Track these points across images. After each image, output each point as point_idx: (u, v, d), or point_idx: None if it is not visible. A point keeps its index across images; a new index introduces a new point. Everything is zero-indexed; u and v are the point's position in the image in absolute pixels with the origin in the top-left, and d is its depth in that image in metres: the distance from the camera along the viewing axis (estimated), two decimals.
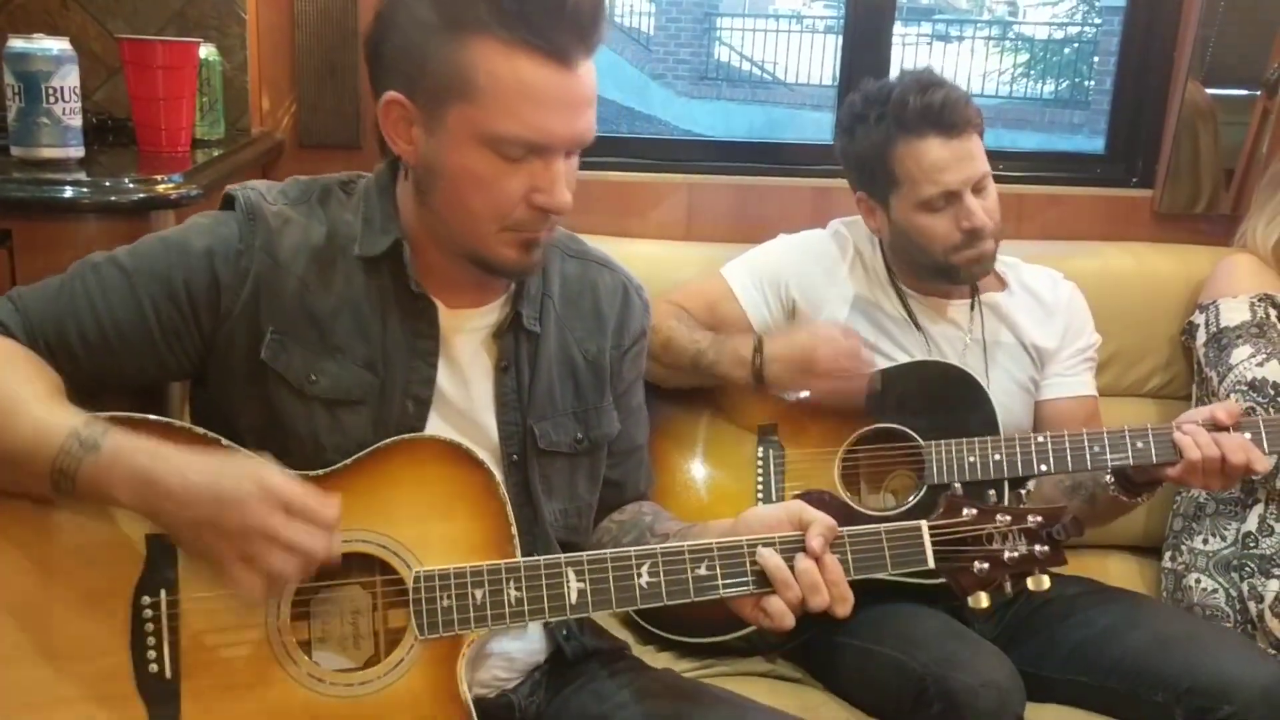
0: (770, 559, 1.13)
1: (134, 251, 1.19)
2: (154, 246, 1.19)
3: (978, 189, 1.68)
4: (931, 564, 1.18)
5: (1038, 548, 1.20)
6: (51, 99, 1.44)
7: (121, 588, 1.10)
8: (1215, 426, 1.55)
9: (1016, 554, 1.19)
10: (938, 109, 1.63)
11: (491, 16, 1.08)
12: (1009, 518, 1.20)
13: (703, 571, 1.14)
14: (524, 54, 1.08)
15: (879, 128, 1.68)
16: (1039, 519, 1.20)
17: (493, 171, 1.12)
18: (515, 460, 1.26)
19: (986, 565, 1.19)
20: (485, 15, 1.08)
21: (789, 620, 1.13)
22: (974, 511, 1.20)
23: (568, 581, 1.13)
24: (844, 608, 1.13)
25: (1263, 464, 1.54)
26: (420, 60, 1.11)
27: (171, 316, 1.16)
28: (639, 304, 1.38)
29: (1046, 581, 1.20)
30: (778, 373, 1.64)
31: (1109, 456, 1.59)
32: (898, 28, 2.29)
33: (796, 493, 1.68)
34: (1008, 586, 1.20)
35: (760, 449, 1.71)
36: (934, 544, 1.18)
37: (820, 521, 1.14)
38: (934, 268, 1.72)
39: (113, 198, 1.38)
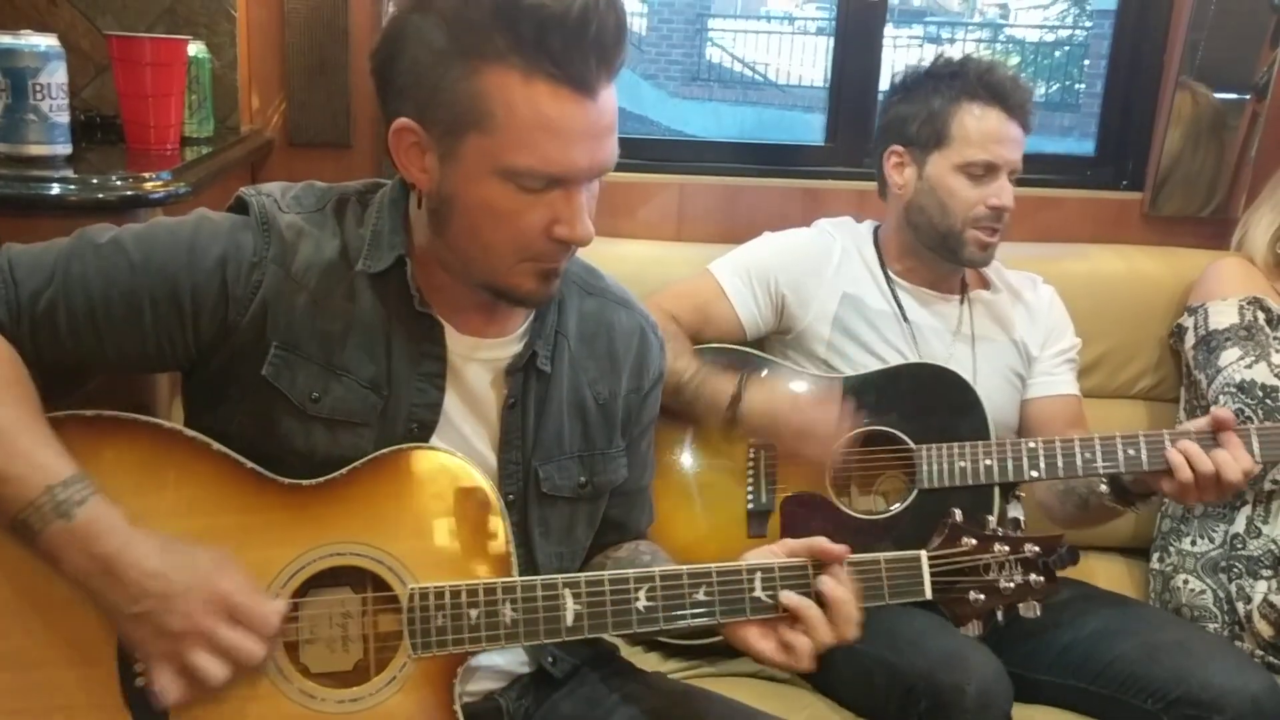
0: (794, 599, 1.11)
1: (140, 240, 1.13)
2: (163, 239, 1.13)
3: (1010, 178, 1.74)
4: (929, 595, 1.18)
5: (1033, 577, 1.20)
6: (39, 95, 1.43)
7: None
8: (1217, 430, 1.55)
9: (1012, 584, 1.20)
10: (1010, 87, 1.73)
11: (509, 46, 1.02)
12: (1007, 547, 1.20)
13: (701, 596, 1.13)
14: (544, 85, 1.03)
15: (953, 84, 1.74)
16: (1036, 549, 1.20)
17: (511, 205, 1.07)
18: (511, 500, 1.23)
19: (982, 596, 1.19)
20: (502, 45, 1.02)
21: (808, 662, 1.12)
22: (973, 541, 1.20)
23: (564, 603, 1.12)
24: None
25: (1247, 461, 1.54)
26: (432, 88, 1.05)
27: (168, 317, 1.12)
28: (656, 344, 1.35)
29: (1039, 608, 1.20)
30: (752, 427, 1.65)
31: (1100, 463, 1.59)
32: (889, 30, 2.30)
33: (787, 495, 1.68)
34: (1000, 615, 1.20)
35: (751, 451, 1.71)
36: (932, 574, 1.18)
37: (828, 546, 1.13)
38: (939, 237, 1.75)
39: (100, 195, 1.36)
